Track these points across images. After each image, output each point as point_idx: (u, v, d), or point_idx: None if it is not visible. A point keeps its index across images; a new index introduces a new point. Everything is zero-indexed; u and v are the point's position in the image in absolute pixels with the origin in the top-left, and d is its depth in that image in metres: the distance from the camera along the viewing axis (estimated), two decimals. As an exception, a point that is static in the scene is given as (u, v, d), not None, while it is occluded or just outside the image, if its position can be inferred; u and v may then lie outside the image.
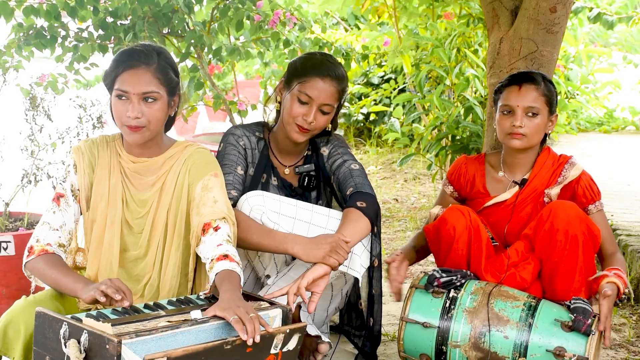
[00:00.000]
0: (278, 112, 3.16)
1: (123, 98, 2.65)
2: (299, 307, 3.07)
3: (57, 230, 2.67)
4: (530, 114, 3.09)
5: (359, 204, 2.96)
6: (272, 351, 2.40)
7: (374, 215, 2.97)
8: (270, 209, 2.93)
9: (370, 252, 3.01)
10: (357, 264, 2.97)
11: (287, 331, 2.42)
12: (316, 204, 3.19)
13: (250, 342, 2.28)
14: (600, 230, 3.02)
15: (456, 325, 2.91)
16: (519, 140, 3.10)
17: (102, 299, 2.41)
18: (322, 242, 2.83)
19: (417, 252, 3.25)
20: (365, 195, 3.00)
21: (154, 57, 2.68)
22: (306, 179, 3.18)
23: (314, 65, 3.04)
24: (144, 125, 2.65)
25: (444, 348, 2.91)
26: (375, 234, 3.02)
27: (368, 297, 3.15)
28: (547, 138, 3.22)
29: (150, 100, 2.66)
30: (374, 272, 3.09)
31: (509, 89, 3.14)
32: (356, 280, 3.20)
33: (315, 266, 2.83)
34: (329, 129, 3.17)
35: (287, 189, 3.18)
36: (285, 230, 2.93)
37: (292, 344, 2.45)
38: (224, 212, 2.68)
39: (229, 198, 2.84)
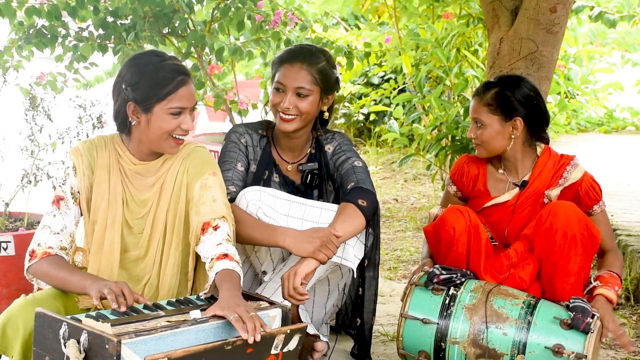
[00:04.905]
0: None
1: (177, 114, 2.68)
2: (297, 305, 3.08)
3: (57, 234, 2.67)
4: (478, 125, 3.12)
5: (359, 201, 2.97)
6: (273, 352, 2.40)
7: (371, 214, 2.99)
8: (266, 204, 2.96)
9: (365, 244, 3.03)
10: (351, 255, 2.99)
11: (288, 331, 2.42)
12: (319, 202, 3.21)
13: (251, 341, 2.28)
14: (602, 229, 3.04)
15: (455, 322, 2.91)
16: (477, 150, 3.18)
17: (96, 303, 2.43)
18: (312, 236, 2.85)
19: None
20: (366, 192, 3.02)
21: (185, 67, 2.75)
22: (309, 177, 3.20)
23: (285, 56, 3.13)
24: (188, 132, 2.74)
25: (443, 345, 2.91)
26: (372, 232, 3.04)
27: (356, 297, 3.19)
28: (543, 134, 3.17)
29: (193, 110, 2.75)
30: (364, 271, 3.11)
31: None
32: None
33: (305, 261, 2.85)
34: (326, 117, 3.21)
35: (289, 186, 3.19)
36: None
37: (293, 344, 2.45)
38: (223, 211, 2.69)
39: (227, 193, 2.86)
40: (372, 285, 3.18)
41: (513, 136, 3.11)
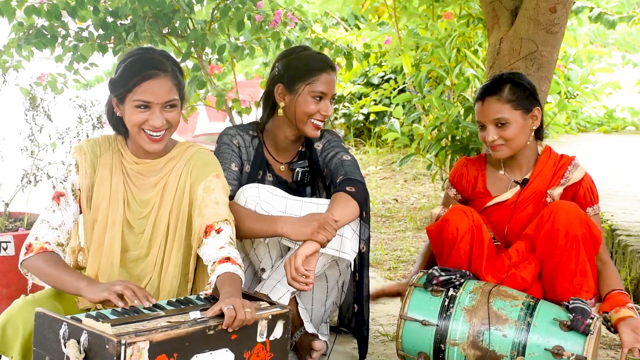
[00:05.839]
0: (269, 113, 3.22)
1: (144, 108, 2.64)
2: (295, 302, 3.09)
3: (56, 229, 2.67)
4: (500, 125, 3.08)
5: (348, 188, 3.02)
6: (259, 339, 2.43)
7: (362, 200, 3.02)
8: (264, 201, 2.99)
9: (360, 237, 3.05)
10: (348, 248, 3.01)
11: (270, 317, 2.44)
12: (311, 199, 3.23)
13: (225, 327, 2.31)
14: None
15: (455, 323, 2.91)
16: (500, 151, 3.11)
17: (120, 303, 2.41)
18: (310, 220, 2.88)
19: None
20: (355, 182, 3.06)
21: (167, 63, 2.68)
22: (299, 174, 3.22)
23: (315, 64, 3.13)
24: (165, 128, 2.67)
25: (442, 346, 2.92)
26: (364, 220, 3.06)
27: (355, 285, 3.18)
28: (541, 131, 3.17)
29: (170, 107, 2.67)
30: (361, 258, 3.12)
31: (477, 105, 3.15)
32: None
33: (305, 244, 2.87)
34: None
35: (282, 186, 3.22)
36: None
37: (278, 331, 2.46)
38: (226, 214, 2.69)
39: None
40: (367, 273, 3.20)
41: (534, 127, 3.12)
